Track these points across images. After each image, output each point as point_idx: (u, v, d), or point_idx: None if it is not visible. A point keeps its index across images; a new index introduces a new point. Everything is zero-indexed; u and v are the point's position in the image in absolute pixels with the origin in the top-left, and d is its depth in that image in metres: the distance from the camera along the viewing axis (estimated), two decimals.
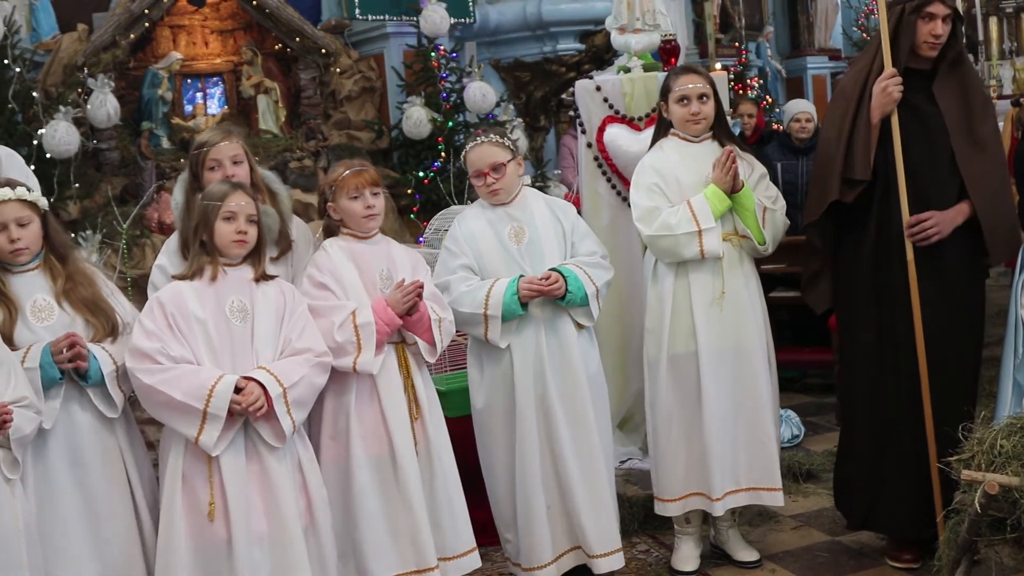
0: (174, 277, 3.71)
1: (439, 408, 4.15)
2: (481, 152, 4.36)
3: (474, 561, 4.16)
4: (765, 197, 4.54)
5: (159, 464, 3.72)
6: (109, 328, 3.66)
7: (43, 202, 3.68)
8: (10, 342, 3.49)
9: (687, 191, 4.47)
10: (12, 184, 3.61)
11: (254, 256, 3.76)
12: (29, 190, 3.64)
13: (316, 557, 3.69)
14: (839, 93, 4.69)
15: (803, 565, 4.63)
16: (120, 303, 3.81)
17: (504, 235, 4.35)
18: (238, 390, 3.49)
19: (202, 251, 3.68)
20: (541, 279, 4.20)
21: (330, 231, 4.15)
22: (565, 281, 4.22)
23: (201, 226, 3.67)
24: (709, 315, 4.46)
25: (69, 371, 3.53)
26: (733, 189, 4.41)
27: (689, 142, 4.58)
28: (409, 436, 3.99)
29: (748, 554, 4.69)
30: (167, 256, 3.96)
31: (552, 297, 4.23)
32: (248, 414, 3.50)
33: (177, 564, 3.52)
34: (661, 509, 4.65)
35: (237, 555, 3.49)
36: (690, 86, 4.51)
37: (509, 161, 4.35)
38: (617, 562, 4.38)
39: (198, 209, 3.70)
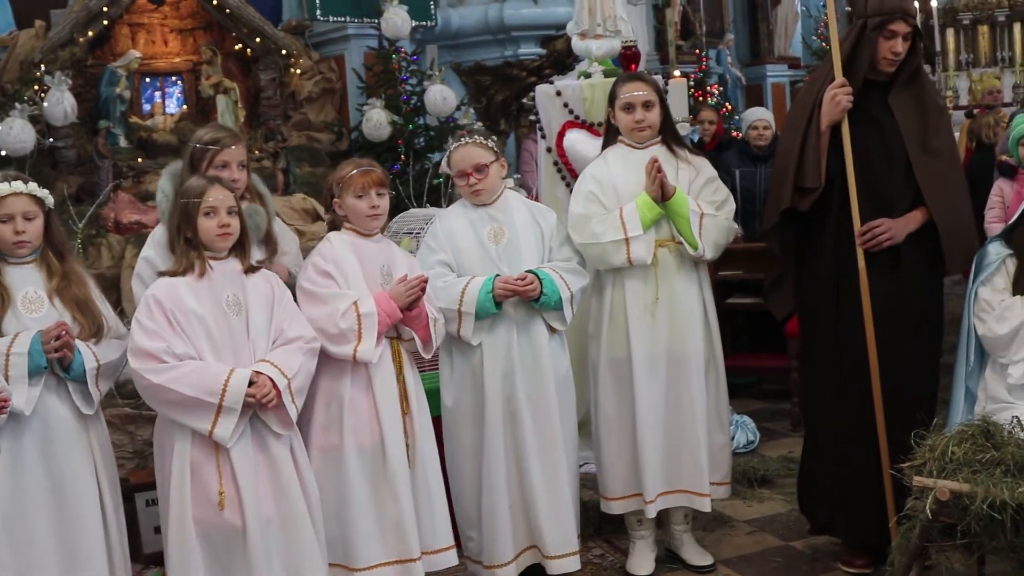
0: (162, 273, 3.72)
1: (426, 405, 4.20)
2: (465, 152, 4.39)
3: (450, 558, 4.18)
4: (709, 202, 4.56)
5: (155, 460, 3.73)
6: (95, 329, 3.73)
7: (50, 200, 3.76)
8: None
9: (625, 199, 4.50)
10: (23, 178, 3.69)
11: (239, 248, 3.80)
12: (39, 186, 3.72)
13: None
14: (797, 102, 4.73)
15: (757, 570, 4.66)
16: (106, 308, 3.88)
17: (483, 235, 4.39)
18: (249, 383, 3.55)
19: (188, 247, 3.70)
20: (517, 279, 4.22)
21: (334, 226, 4.20)
22: (540, 283, 4.24)
23: (184, 223, 3.70)
24: (642, 321, 4.49)
25: (52, 363, 3.57)
26: (663, 197, 4.43)
27: (634, 149, 4.61)
28: (400, 429, 4.03)
29: (702, 558, 4.72)
30: (153, 248, 3.97)
31: (526, 298, 4.26)
32: (260, 406, 3.58)
33: (190, 553, 3.56)
34: (606, 507, 4.71)
35: (251, 540, 3.56)
36: (635, 93, 4.54)
37: (492, 162, 4.39)
38: (573, 564, 4.40)
39: (179, 207, 3.72)
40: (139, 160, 7.53)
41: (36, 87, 6.89)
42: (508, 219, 4.43)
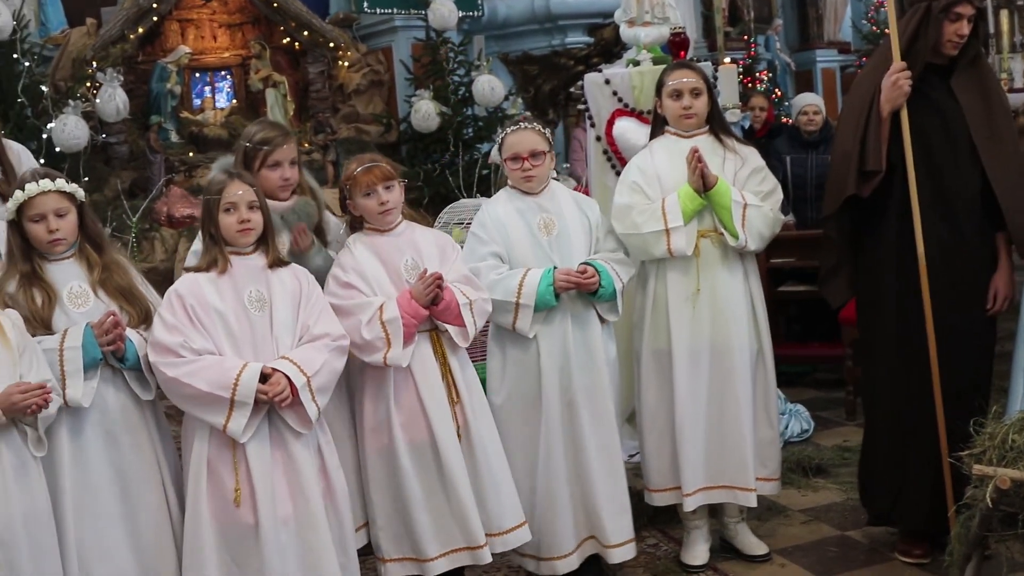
0: (187, 269, 3.74)
1: (480, 390, 4.17)
2: (522, 136, 4.36)
3: (523, 535, 4.16)
4: (755, 192, 4.51)
5: (182, 453, 3.75)
6: (143, 316, 3.72)
7: (80, 193, 3.74)
8: (48, 326, 3.56)
9: (669, 189, 4.47)
10: (51, 175, 3.67)
11: (263, 243, 3.79)
12: (67, 182, 3.71)
13: (337, 537, 3.73)
14: (855, 88, 4.67)
15: (813, 560, 4.62)
16: (151, 293, 3.88)
17: (534, 225, 4.36)
18: (264, 378, 3.53)
19: (212, 243, 3.71)
20: (578, 272, 4.21)
21: (354, 226, 4.18)
22: (599, 276, 4.23)
23: (206, 219, 3.71)
24: (683, 312, 4.46)
25: (107, 353, 3.59)
26: (705, 187, 4.40)
27: (681, 138, 4.58)
28: (449, 421, 4.00)
29: (757, 548, 4.69)
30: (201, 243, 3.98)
31: (586, 291, 4.23)
32: (275, 404, 3.55)
33: (204, 549, 3.57)
34: (649, 499, 4.69)
35: (264, 539, 3.54)
36: (683, 80, 4.51)
37: (547, 151, 4.37)
38: (629, 552, 4.38)
39: (202, 204, 3.74)
40: (190, 154, 7.59)
41: (89, 84, 6.96)
42: (557, 210, 4.40)
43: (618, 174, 6.06)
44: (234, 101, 8.26)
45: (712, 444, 4.50)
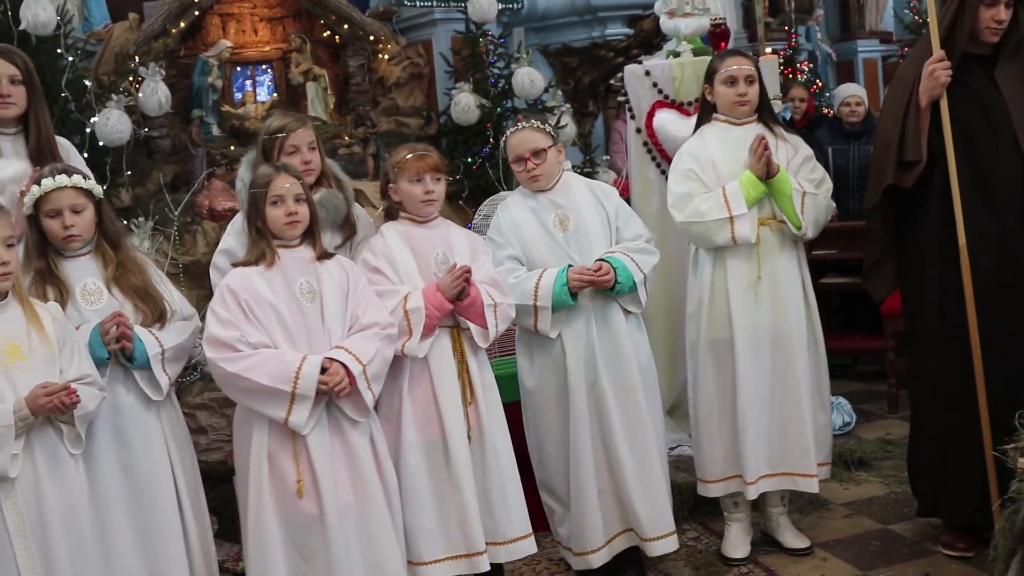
0: (235, 264, 3.75)
1: (496, 393, 4.17)
2: (522, 137, 4.36)
3: (529, 547, 4.15)
4: (808, 180, 4.52)
5: (234, 447, 3.77)
6: (157, 314, 3.75)
7: (98, 190, 3.75)
8: None
9: (724, 177, 4.46)
10: (69, 171, 3.68)
11: (309, 235, 3.81)
12: (85, 177, 3.70)
13: (394, 525, 3.79)
14: (896, 79, 4.64)
15: (855, 553, 4.60)
16: (169, 291, 3.89)
17: (549, 223, 4.34)
18: (321, 370, 3.54)
19: (259, 237, 3.72)
20: (592, 269, 4.18)
21: (390, 213, 4.18)
22: (615, 271, 4.20)
23: (253, 212, 3.72)
24: (745, 300, 4.46)
25: (116, 353, 3.61)
26: (767, 175, 4.39)
27: (733, 125, 4.57)
28: (461, 421, 4.00)
29: (799, 541, 4.68)
30: (234, 236, 4.01)
31: (602, 287, 4.21)
32: (333, 393, 3.56)
33: (269, 543, 3.60)
34: (703, 490, 4.69)
35: (329, 528, 3.58)
36: (739, 67, 4.50)
37: (550, 147, 4.35)
38: (671, 545, 4.37)
39: (248, 197, 3.74)
40: (232, 148, 7.61)
41: (131, 79, 6.99)
42: (572, 204, 4.38)
43: (659, 166, 6.08)
44: (275, 95, 8.27)
45: (774, 432, 4.51)
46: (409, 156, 4.08)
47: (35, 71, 4.28)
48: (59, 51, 6.30)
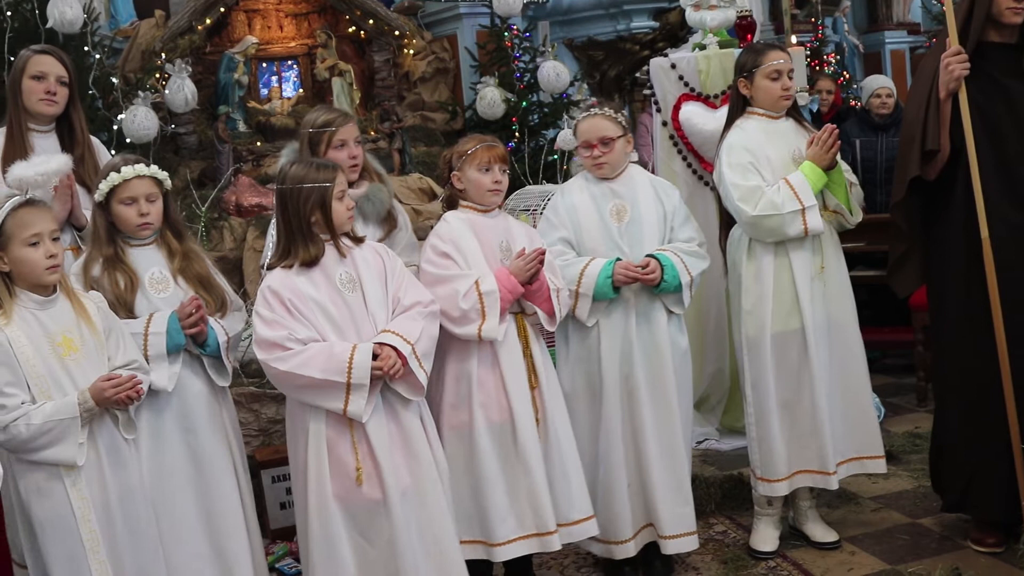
0: (281, 267, 3.68)
1: (555, 378, 4.20)
2: (592, 124, 4.36)
3: (591, 528, 4.17)
4: (845, 172, 4.53)
5: (288, 440, 3.80)
6: (219, 304, 3.85)
7: (168, 182, 3.84)
8: (131, 310, 3.67)
9: (777, 169, 4.45)
10: (144, 161, 3.77)
11: None
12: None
13: (448, 505, 3.80)
14: (920, 72, 4.61)
15: (883, 547, 4.57)
16: (224, 282, 3.98)
17: (605, 212, 4.35)
18: (374, 356, 3.56)
19: (312, 233, 3.66)
20: (639, 266, 4.18)
21: (451, 201, 4.20)
22: (662, 269, 4.20)
23: (315, 208, 3.65)
24: (812, 291, 4.45)
25: (187, 339, 3.69)
26: (830, 166, 4.39)
27: (771, 119, 4.54)
28: (529, 404, 4.04)
29: (827, 535, 4.65)
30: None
31: (646, 284, 4.21)
32: (388, 377, 3.58)
33: (335, 531, 3.61)
34: (768, 490, 4.58)
35: (393, 512, 3.58)
36: (781, 62, 4.48)
37: (619, 137, 4.35)
38: (689, 544, 4.35)
39: (304, 193, 3.66)
40: (258, 144, 7.65)
41: (157, 75, 7.04)
42: (631, 196, 4.38)
43: (685, 159, 6.06)
44: (300, 91, 8.31)
45: (842, 419, 4.50)
46: (479, 146, 4.11)
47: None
48: (86, 49, 6.35)
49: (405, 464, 3.65)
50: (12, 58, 5.62)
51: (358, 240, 3.80)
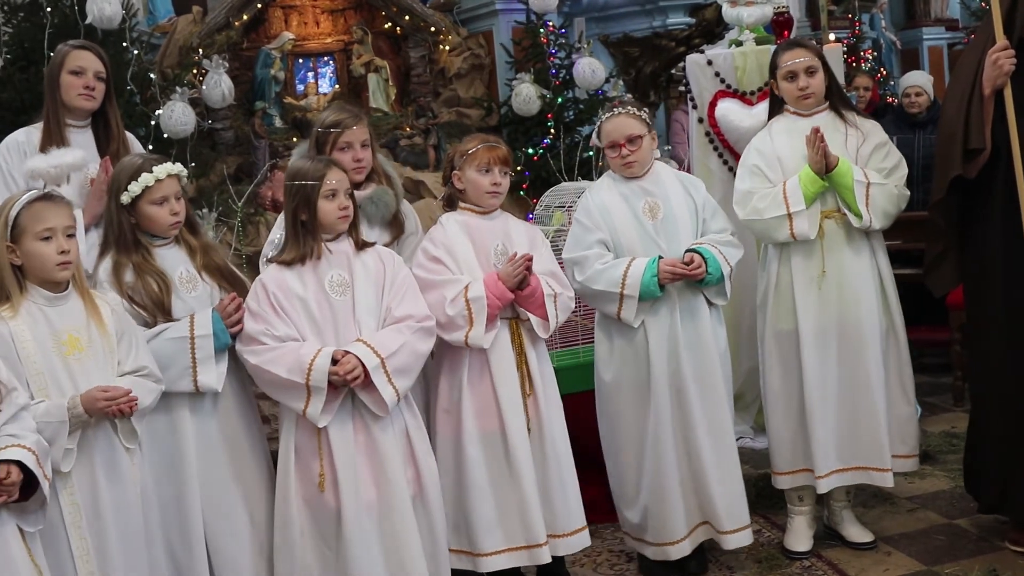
0: (277, 262, 3.73)
1: (554, 385, 4.17)
2: (617, 123, 4.34)
3: (584, 540, 4.16)
4: (877, 169, 4.45)
5: (279, 437, 3.81)
6: (243, 293, 3.81)
7: (185, 180, 3.88)
8: (168, 312, 3.67)
9: (790, 171, 4.42)
10: (167, 159, 3.79)
11: (352, 227, 3.81)
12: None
13: (425, 525, 3.76)
14: (958, 67, 4.57)
15: (919, 548, 4.55)
16: (239, 272, 4.00)
17: (639, 210, 4.33)
18: (334, 361, 3.55)
19: (305, 232, 3.70)
20: (684, 262, 4.17)
21: (451, 201, 4.19)
22: (705, 263, 4.19)
23: (301, 206, 3.69)
24: (808, 294, 4.42)
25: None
26: (827, 167, 4.33)
27: (801, 117, 4.52)
28: (520, 413, 4.01)
29: (863, 535, 4.63)
30: (280, 230, 4.01)
31: (692, 279, 4.20)
32: (347, 384, 3.56)
33: (296, 532, 3.64)
34: (774, 482, 4.66)
35: (346, 524, 3.59)
36: (796, 60, 4.46)
37: (645, 134, 4.33)
38: (746, 538, 4.36)
39: (293, 190, 3.71)
40: (294, 140, 7.67)
41: (195, 71, 7.07)
42: (662, 193, 4.37)
43: (721, 156, 6.04)
44: (336, 86, 8.34)
45: (845, 425, 4.46)
46: (480, 146, 4.09)
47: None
48: (124, 45, 6.38)
49: (371, 477, 3.63)
50: (51, 53, 5.70)
51: (364, 244, 3.80)
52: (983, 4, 12.89)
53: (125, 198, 3.68)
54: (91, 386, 3.27)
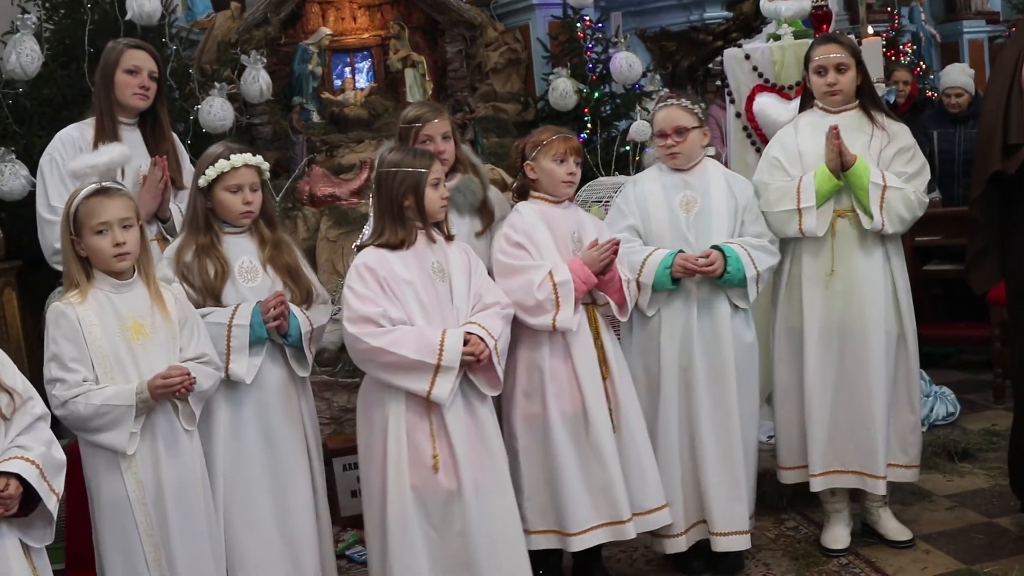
0: (378, 245, 3.79)
1: (626, 368, 4.23)
2: (668, 114, 4.39)
3: (664, 517, 4.21)
4: (898, 173, 4.39)
5: (360, 426, 3.86)
6: (305, 295, 3.92)
7: (267, 172, 3.95)
8: (218, 298, 3.75)
9: (810, 167, 4.40)
10: (249, 150, 3.89)
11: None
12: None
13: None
14: (999, 60, 4.53)
15: (959, 547, 4.52)
16: (312, 273, 4.06)
17: (675, 202, 4.36)
18: (464, 342, 3.64)
19: (404, 218, 3.77)
20: (699, 258, 4.17)
21: (523, 191, 4.24)
22: (725, 261, 4.17)
23: (408, 192, 3.76)
24: (815, 292, 4.41)
25: (271, 330, 3.75)
26: (842, 167, 4.30)
27: (828, 113, 4.50)
28: (601, 394, 4.08)
29: (900, 534, 4.60)
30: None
31: (707, 276, 4.20)
32: (479, 363, 3.66)
33: (409, 516, 3.67)
34: (779, 476, 4.69)
35: (466, 503, 3.67)
36: (828, 56, 4.44)
37: (694, 128, 4.36)
38: (740, 543, 4.35)
39: (399, 177, 3.77)
40: (332, 135, 7.69)
41: (233, 67, 7.10)
42: (703, 187, 4.38)
43: (759, 151, 5.99)
44: (373, 82, 8.34)
45: (841, 428, 4.44)
46: (555, 137, 4.18)
47: None
48: (163, 40, 6.42)
49: (479, 458, 3.70)
50: (91, 50, 5.75)
51: (449, 237, 3.88)
52: None
53: (202, 181, 3.79)
54: (153, 370, 3.39)
